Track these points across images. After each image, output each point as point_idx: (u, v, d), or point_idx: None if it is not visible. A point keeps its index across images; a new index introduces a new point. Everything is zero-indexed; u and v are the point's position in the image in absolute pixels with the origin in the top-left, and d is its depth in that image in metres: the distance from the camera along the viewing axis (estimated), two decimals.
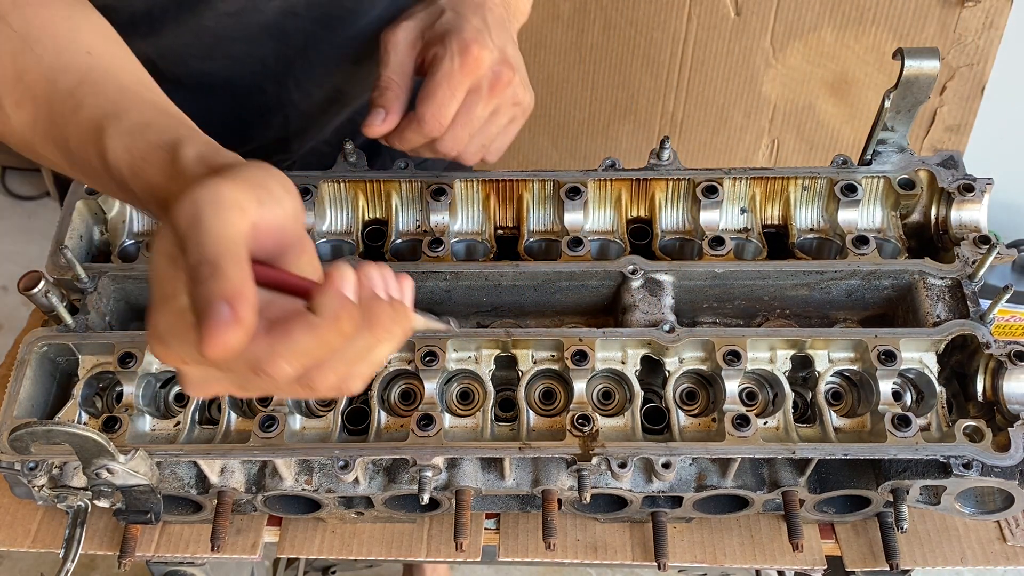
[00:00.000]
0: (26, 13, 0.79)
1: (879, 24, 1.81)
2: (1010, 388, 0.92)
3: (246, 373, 0.58)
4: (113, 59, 0.80)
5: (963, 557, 1.01)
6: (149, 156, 0.68)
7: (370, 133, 0.96)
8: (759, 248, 1.07)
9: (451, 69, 0.91)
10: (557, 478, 0.97)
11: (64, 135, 0.75)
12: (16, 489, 0.97)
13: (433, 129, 0.93)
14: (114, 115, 0.72)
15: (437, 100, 0.91)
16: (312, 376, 0.59)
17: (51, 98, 0.76)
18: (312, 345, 0.57)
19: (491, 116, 0.96)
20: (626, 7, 1.87)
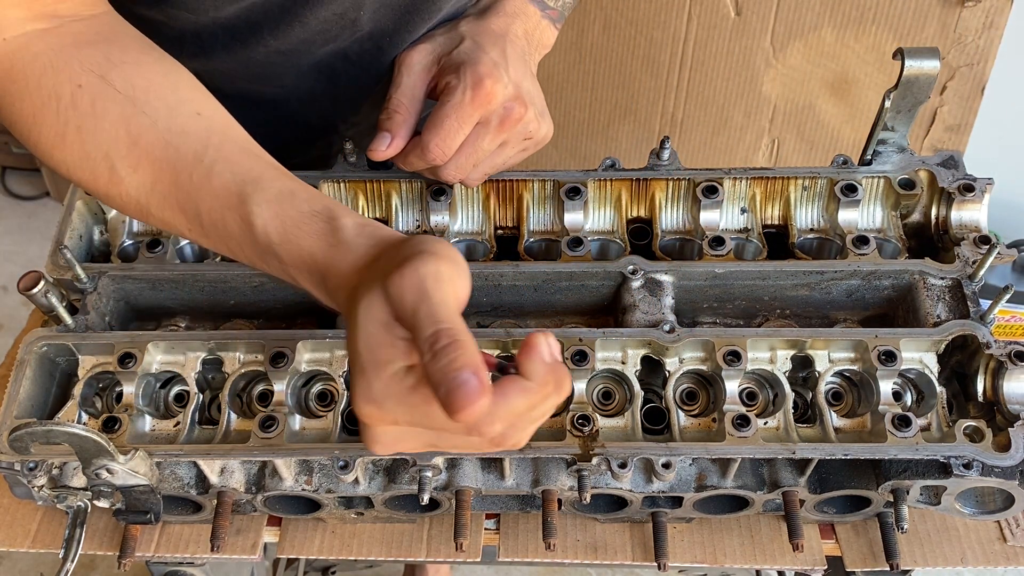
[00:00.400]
0: (126, 72, 0.79)
1: (879, 24, 1.81)
2: (1010, 388, 0.92)
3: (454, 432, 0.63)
4: (221, 118, 0.82)
5: (963, 557, 1.01)
6: (303, 225, 0.72)
7: (375, 157, 0.97)
8: (759, 248, 1.07)
9: (462, 101, 0.92)
10: (557, 478, 0.97)
11: (194, 200, 0.76)
12: (16, 489, 0.97)
13: (436, 158, 0.93)
14: (253, 182, 0.75)
15: (443, 130, 0.92)
16: (507, 434, 0.64)
17: (175, 164, 0.77)
18: (523, 407, 0.63)
19: (499, 148, 0.97)
20: (626, 7, 1.87)
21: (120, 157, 0.78)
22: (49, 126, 0.78)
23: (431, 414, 0.62)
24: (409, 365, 0.63)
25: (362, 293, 0.66)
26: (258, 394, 0.99)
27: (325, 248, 0.71)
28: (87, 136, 0.78)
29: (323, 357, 0.97)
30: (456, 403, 0.58)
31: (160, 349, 0.97)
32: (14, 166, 3.07)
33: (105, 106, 0.78)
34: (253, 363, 0.97)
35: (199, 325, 1.07)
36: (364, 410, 0.64)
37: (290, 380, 0.95)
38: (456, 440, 0.66)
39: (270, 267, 0.76)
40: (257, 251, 0.75)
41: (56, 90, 0.78)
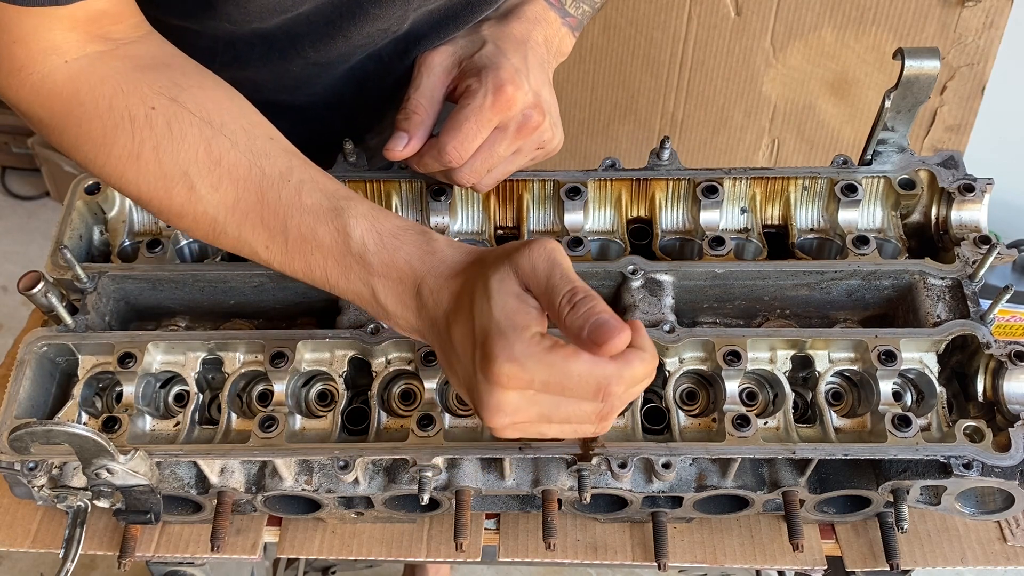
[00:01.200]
0: (195, 95, 0.81)
1: (879, 24, 1.81)
2: (1010, 388, 0.92)
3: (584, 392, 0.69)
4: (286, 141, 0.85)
5: (963, 557, 1.01)
6: (401, 235, 0.78)
7: (391, 156, 0.97)
8: (759, 248, 1.07)
9: (482, 105, 0.92)
10: (557, 478, 0.97)
11: (281, 217, 0.79)
12: (16, 489, 0.97)
13: (453, 160, 0.94)
14: (346, 198, 0.80)
15: (462, 133, 0.92)
16: (613, 404, 0.70)
17: (260, 183, 0.80)
18: (641, 374, 0.69)
19: (513, 155, 0.98)
20: (626, 7, 1.87)
21: (200, 176, 0.80)
22: (122, 146, 0.80)
23: (569, 371, 0.67)
24: (542, 332, 0.69)
25: (490, 273, 0.71)
26: (258, 394, 0.99)
27: (422, 255, 0.77)
28: (164, 156, 0.79)
29: (323, 357, 0.97)
30: (602, 336, 0.65)
31: (160, 349, 0.97)
32: (14, 166, 3.07)
33: (182, 127, 0.79)
34: (253, 363, 0.97)
35: (199, 325, 1.07)
36: (505, 369, 0.67)
37: (290, 380, 0.95)
38: (572, 409, 0.70)
39: (350, 280, 0.79)
40: (344, 262, 0.79)
41: (129, 111, 0.79)
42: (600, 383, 0.68)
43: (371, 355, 0.97)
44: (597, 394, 0.68)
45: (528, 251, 0.71)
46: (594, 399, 0.69)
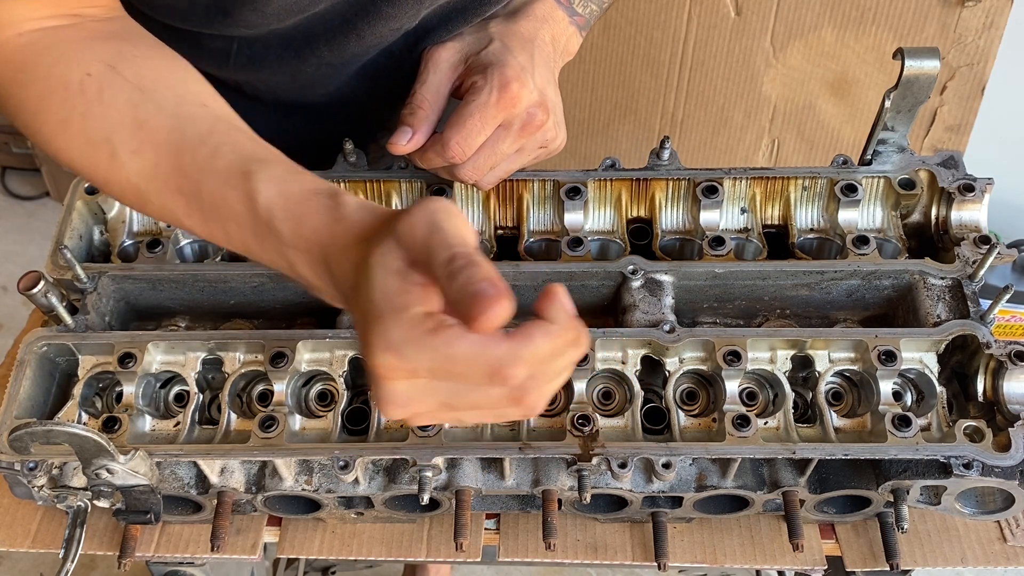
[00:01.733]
0: (137, 64, 0.80)
1: (879, 24, 1.81)
2: (1010, 388, 0.92)
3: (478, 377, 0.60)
4: (226, 110, 0.82)
5: (963, 557, 1.01)
6: (309, 201, 0.71)
7: (394, 151, 0.97)
8: (759, 248, 1.07)
9: (487, 102, 0.92)
10: (557, 478, 0.97)
11: (195, 181, 0.76)
12: (16, 489, 0.97)
13: (456, 156, 0.93)
14: (258, 162, 0.74)
15: (465, 129, 0.92)
16: (527, 386, 0.61)
17: (179, 146, 0.77)
18: (547, 351, 0.60)
19: (516, 153, 0.98)
20: (626, 7, 1.87)
21: (122, 142, 0.78)
22: (54, 113, 0.79)
23: (454, 356, 0.59)
24: (427, 312, 0.61)
25: (373, 247, 0.64)
26: (258, 394, 0.99)
27: (329, 223, 0.70)
28: (91, 122, 0.78)
29: (323, 357, 0.97)
30: (477, 308, 0.57)
31: (160, 349, 0.97)
32: (14, 166, 3.07)
33: (113, 94, 0.78)
34: (253, 363, 0.97)
35: (199, 325, 1.07)
36: (381, 359, 0.61)
37: (290, 380, 0.95)
38: (476, 395, 0.62)
39: (266, 249, 0.74)
40: (257, 230, 0.73)
41: (65, 78, 0.78)
42: (492, 366, 0.59)
43: None
44: (492, 379, 0.60)
45: (408, 216, 0.63)
46: (491, 384, 0.60)
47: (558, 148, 1.02)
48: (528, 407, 0.63)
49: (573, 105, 2.04)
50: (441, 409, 0.64)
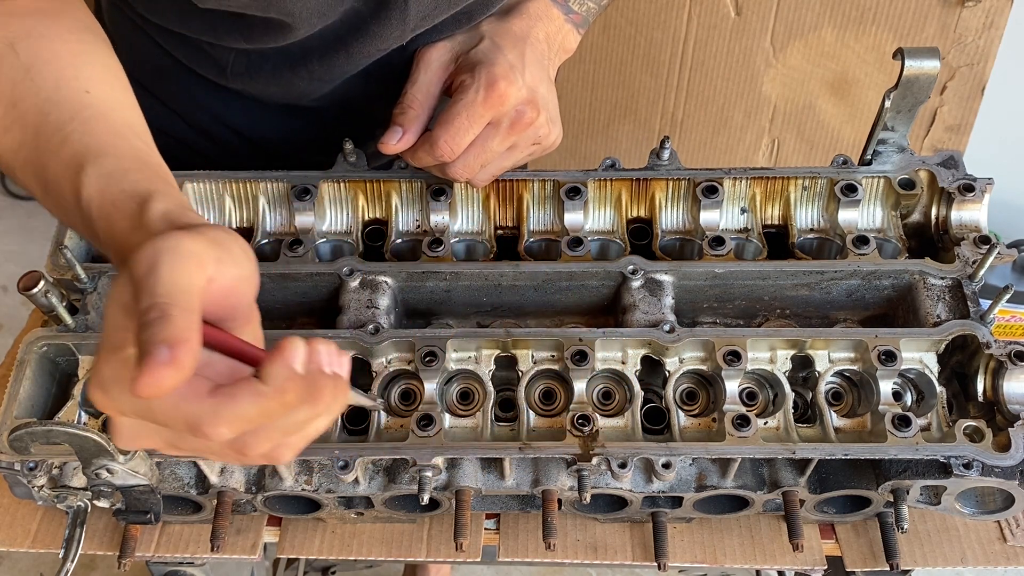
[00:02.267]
0: (36, 44, 0.80)
1: (879, 24, 1.81)
2: (1010, 388, 0.92)
3: (182, 431, 0.58)
4: (110, 100, 0.81)
5: (963, 557, 1.01)
6: (119, 203, 0.68)
7: (385, 150, 0.97)
8: (759, 248, 1.07)
9: (474, 100, 0.92)
10: (557, 478, 0.97)
11: (44, 165, 0.75)
12: (16, 489, 0.97)
13: (445, 154, 0.94)
14: (96, 155, 0.72)
15: (453, 127, 0.92)
16: (246, 442, 0.60)
17: (40, 129, 0.76)
18: (254, 413, 0.58)
19: (508, 151, 0.98)
20: (626, 7, 1.87)
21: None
22: None
23: (150, 407, 0.57)
24: None
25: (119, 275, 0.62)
26: None
27: (129, 230, 0.66)
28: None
29: None
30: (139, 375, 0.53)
31: None
32: None
33: (1, 70, 0.78)
34: None
35: None
36: (92, 395, 0.59)
37: None
38: (194, 442, 0.60)
39: (93, 241, 0.73)
40: (81, 222, 0.72)
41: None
42: (189, 422, 0.57)
43: (371, 355, 0.97)
44: (194, 432, 0.57)
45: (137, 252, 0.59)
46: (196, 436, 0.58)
47: (553, 145, 1.02)
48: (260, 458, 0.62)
49: (573, 105, 2.04)
50: (169, 447, 0.62)
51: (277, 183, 1.07)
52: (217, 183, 1.07)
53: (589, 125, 2.07)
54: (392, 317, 1.00)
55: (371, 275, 1.01)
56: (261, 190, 1.08)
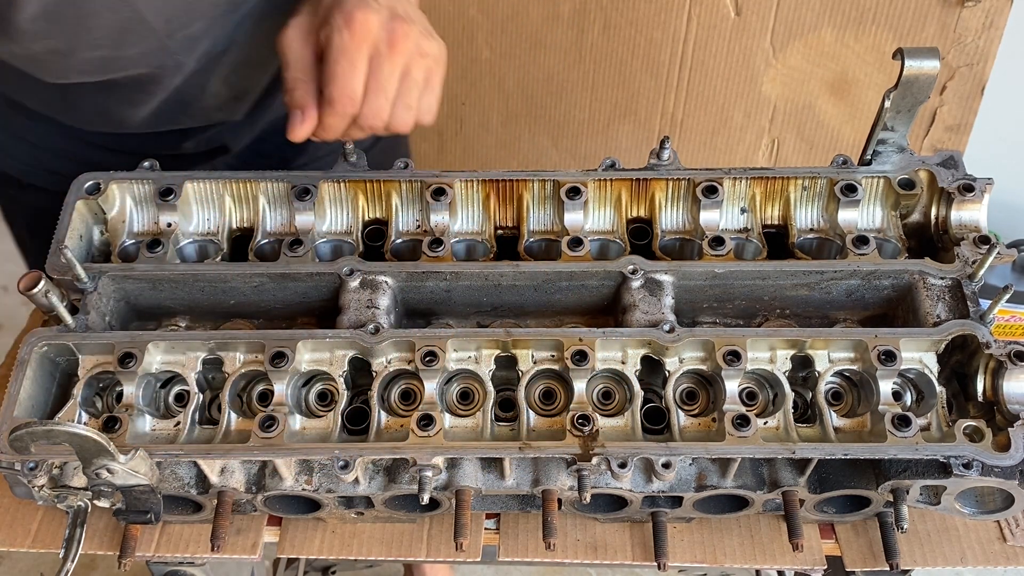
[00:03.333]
0: None
1: (879, 24, 1.81)
2: (1010, 388, 0.92)
3: None
4: None
5: (963, 557, 1.01)
6: None
7: (295, 137, 0.95)
8: (759, 248, 1.07)
9: (342, 42, 0.91)
10: (557, 478, 0.97)
11: None
12: (16, 489, 0.97)
13: (347, 106, 0.92)
14: None
15: (340, 77, 0.91)
16: None
17: None
18: None
19: (403, 76, 0.94)
20: (626, 7, 1.87)
21: None
22: None
23: None
24: None
25: None
26: (258, 394, 0.99)
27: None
28: None
29: (323, 357, 0.97)
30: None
31: (160, 349, 0.97)
32: None
33: None
34: (253, 363, 0.97)
35: (199, 325, 1.07)
36: None
37: (290, 380, 0.95)
38: None
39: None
40: None
41: None
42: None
43: (371, 355, 0.97)
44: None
45: None
46: None
47: (441, 54, 0.98)
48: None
49: (573, 105, 2.04)
50: None
51: (277, 183, 1.07)
52: (217, 183, 1.07)
53: (589, 125, 2.07)
54: (392, 317, 1.00)
55: (371, 275, 1.01)
56: (261, 190, 1.08)
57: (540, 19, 1.86)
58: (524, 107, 2.00)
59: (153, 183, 1.07)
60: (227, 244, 1.08)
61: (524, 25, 1.87)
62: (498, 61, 1.93)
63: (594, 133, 2.09)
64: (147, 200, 1.07)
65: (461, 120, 2.06)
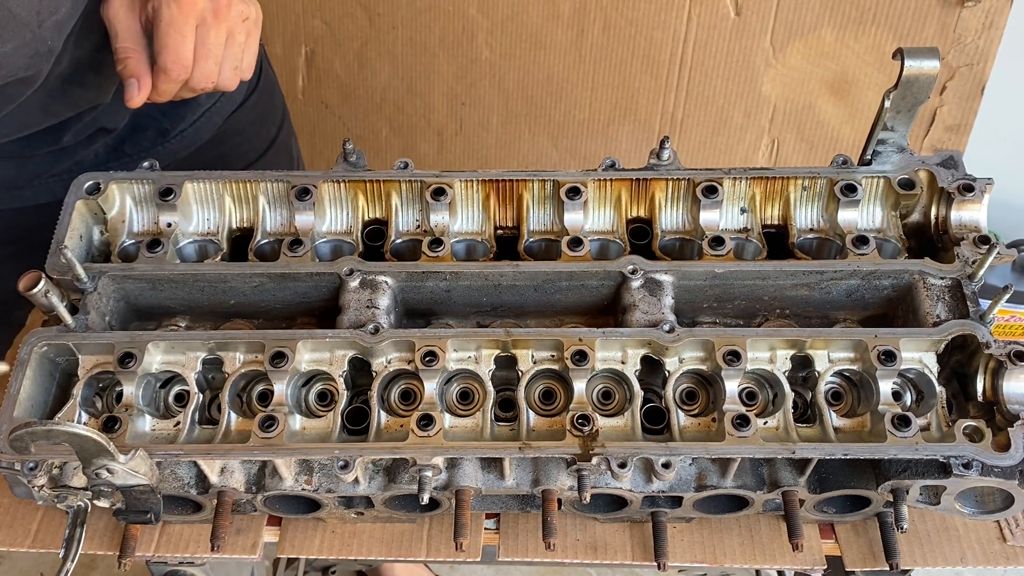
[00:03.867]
0: None
1: (879, 24, 1.81)
2: (1010, 388, 0.92)
3: None
4: None
5: (963, 557, 1.01)
6: None
7: (133, 103, 1.02)
8: (759, 248, 1.07)
9: (171, 15, 0.98)
10: (557, 478, 0.97)
11: None
12: (16, 489, 0.97)
13: (180, 73, 1.00)
14: None
15: (172, 47, 0.99)
16: None
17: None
18: None
19: (228, 41, 1.03)
20: (626, 7, 1.87)
21: None
22: None
23: None
24: None
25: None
26: (258, 394, 0.99)
27: None
28: None
29: (323, 357, 0.97)
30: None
31: (160, 349, 0.97)
32: None
33: None
34: (253, 363, 0.97)
35: (199, 325, 1.07)
36: None
37: (290, 380, 0.95)
38: None
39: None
40: None
41: None
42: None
43: (371, 355, 0.97)
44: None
45: None
46: None
47: (259, 15, 1.09)
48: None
49: (573, 105, 2.04)
50: None
51: (277, 183, 1.07)
52: (217, 183, 1.07)
53: (589, 125, 2.07)
54: (392, 317, 1.00)
55: (371, 275, 1.01)
56: (261, 190, 1.08)
57: (540, 19, 1.86)
58: (524, 107, 2.00)
59: (153, 183, 1.07)
60: (227, 244, 1.08)
61: (524, 25, 1.87)
62: (498, 61, 1.93)
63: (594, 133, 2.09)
64: (147, 200, 1.07)
65: (461, 120, 2.06)
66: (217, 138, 1.36)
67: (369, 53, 1.99)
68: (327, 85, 2.05)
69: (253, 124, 1.43)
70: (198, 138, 1.33)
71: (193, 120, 1.32)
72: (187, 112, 1.30)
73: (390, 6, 1.90)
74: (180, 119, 1.30)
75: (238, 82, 1.07)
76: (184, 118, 1.30)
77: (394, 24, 1.93)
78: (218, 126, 1.35)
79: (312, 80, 2.04)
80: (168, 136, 1.30)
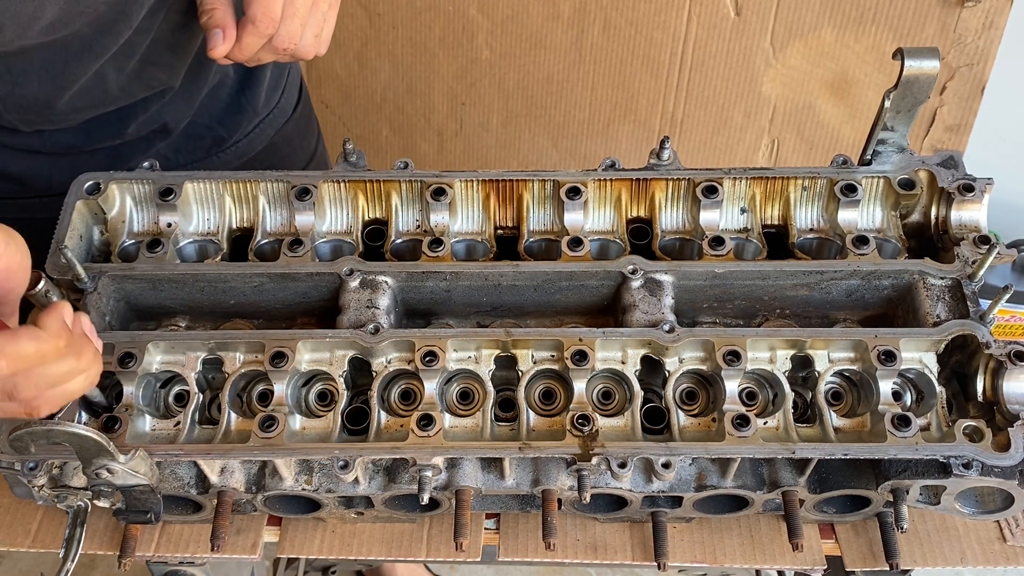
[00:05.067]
0: None
1: (879, 24, 1.81)
2: (1010, 388, 0.92)
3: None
4: None
5: (963, 557, 1.01)
6: None
7: (216, 54, 1.01)
8: (759, 248, 1.07)
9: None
10: (557, 478, 0.97)
11: None
12: (16, 489, 0.97)
13: (268, 26, 0.98)
14: None
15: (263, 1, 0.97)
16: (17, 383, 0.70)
17: None
18: (31, 351, 0.70)
19: (313, 6, 1.02)
20: (626, 7, 1.87)
21: None
22: None
23: None
24: None
25: None
26: (258, 394, 0.99)
27: None
28: None
29: (323, 357, 0.97)
30: None
31: (160, 349, 0.97)
32: None
33: None
34: (253, 363, 0.97)
35: (199, 325, 1.07)
36: None
37: (290, 380, 0.95)
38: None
39: None
40: None
41: None
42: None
43: (371, 355, 0.97)
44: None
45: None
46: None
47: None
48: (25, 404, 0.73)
49: (573, 105, 2.04)
50: None
51: (277, 183, 1.07)
52: (217, 183, 1.07)
53: (589, 125, 2.07)
54: (392, 317, 1.00)
55: (371, 275, 1.01)
56: (261, 190, 1.08)
57: (540, 19, 1.86)
58: (524, 107, 2.00)
59: (153, 183, 1.07)
60: (227, 244, 1.08)
61: (524, 25, 1.87)
62: (498, 61, 1.93)
63: (594, 133, 2.09)
64: (147, 200, 1.07)
65: (461, 120, 2.06)
66: (266, 150, 1.35)
67: (369, 53, 1.99)
68: (327, 85, 2.05)
69: (298, 136, 1.42)
70: (251, 149, 1.32)
71: (249, 130, 1.31)
72: (244, 120, 1.28)
73: (390, 6, 1.90)
74: (236, 127, 1.29)
75: (314, 53, 1.05)
76: (240, 127, 1.29)
77: (394, 24, 1.93)
78: (270, 137, 1.34)
79: (312, 80, 2.04)
80: (223, 146, 1.29)
